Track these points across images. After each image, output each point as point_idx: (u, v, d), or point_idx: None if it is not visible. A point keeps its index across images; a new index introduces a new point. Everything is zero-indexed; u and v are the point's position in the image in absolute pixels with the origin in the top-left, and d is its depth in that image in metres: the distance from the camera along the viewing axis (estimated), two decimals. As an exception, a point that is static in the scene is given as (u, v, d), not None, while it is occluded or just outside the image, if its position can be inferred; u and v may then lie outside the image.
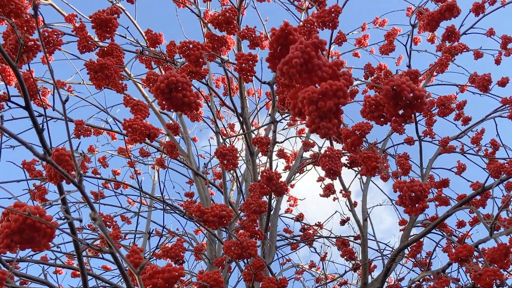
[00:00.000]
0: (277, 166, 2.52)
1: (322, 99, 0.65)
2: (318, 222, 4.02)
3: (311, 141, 3.32)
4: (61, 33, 2.06)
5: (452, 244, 3.08)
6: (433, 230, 2.87)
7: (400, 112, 0.75)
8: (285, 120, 3.54)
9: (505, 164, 2.27)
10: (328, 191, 3.08)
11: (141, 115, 2.01)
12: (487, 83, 2.92)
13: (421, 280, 2.84)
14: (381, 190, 4.06)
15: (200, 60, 1.56)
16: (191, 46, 1.57)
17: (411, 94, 0.73)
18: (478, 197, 3.21)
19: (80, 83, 4.07)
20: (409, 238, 2.77)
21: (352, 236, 3.71)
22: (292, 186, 5.21)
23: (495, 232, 1.71)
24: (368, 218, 3.17)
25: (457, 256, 1.54)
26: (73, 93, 3.93)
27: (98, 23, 1.92)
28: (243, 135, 2.69)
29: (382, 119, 0.95)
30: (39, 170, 2.90)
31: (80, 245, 1.48)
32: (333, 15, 2.04)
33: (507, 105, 3.18)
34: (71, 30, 2.07)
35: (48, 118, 2.82)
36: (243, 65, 1.62)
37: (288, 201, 5.31)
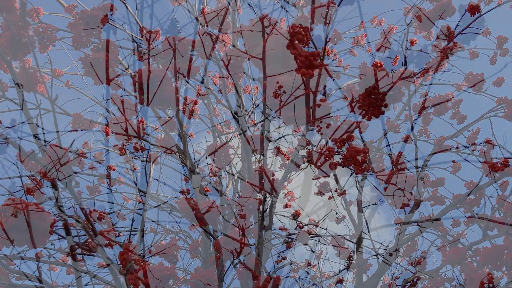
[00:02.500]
0: (272, 164, 2.52)
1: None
2: (314, 221, 4.02)
3: (307, 139, 3.31)
4: (55, 29, 2.06)
5: (447, 244, 3.09)
6: (428, 229, 2.88)
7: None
8: (280, 117, 3.52)
9: (498, 164, 2.27)
10: (323, 189, 3.08)
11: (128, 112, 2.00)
12: (480, 83, 2.91)
13: (415, 279, 2.85)
14: (377, 188, 4.06)
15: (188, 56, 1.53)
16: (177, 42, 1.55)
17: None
18: (472, 196, 3.22)
19: (76, 74, 4.03)
20: (404, 237, 2.78)
21: (347, 235, 3.71)
22: (289, 182, 5.21)
23: (488, 232, 1.72)
24: (363, 217, 3.17)
25: (451, 258, 1.55)
26: (73, 86, 3.89)
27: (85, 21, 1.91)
28: (238, 133, 2.68)
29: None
30: (34, 162, 2.88)
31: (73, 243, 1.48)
32: (327, 10, 2.00)
33: (502, 105, 3.18)
34: (65, 26, 2.07)
35: (43, 112, 2.80)
36: (232, 61, 1.61)
37: (285, 197, 5.30)
